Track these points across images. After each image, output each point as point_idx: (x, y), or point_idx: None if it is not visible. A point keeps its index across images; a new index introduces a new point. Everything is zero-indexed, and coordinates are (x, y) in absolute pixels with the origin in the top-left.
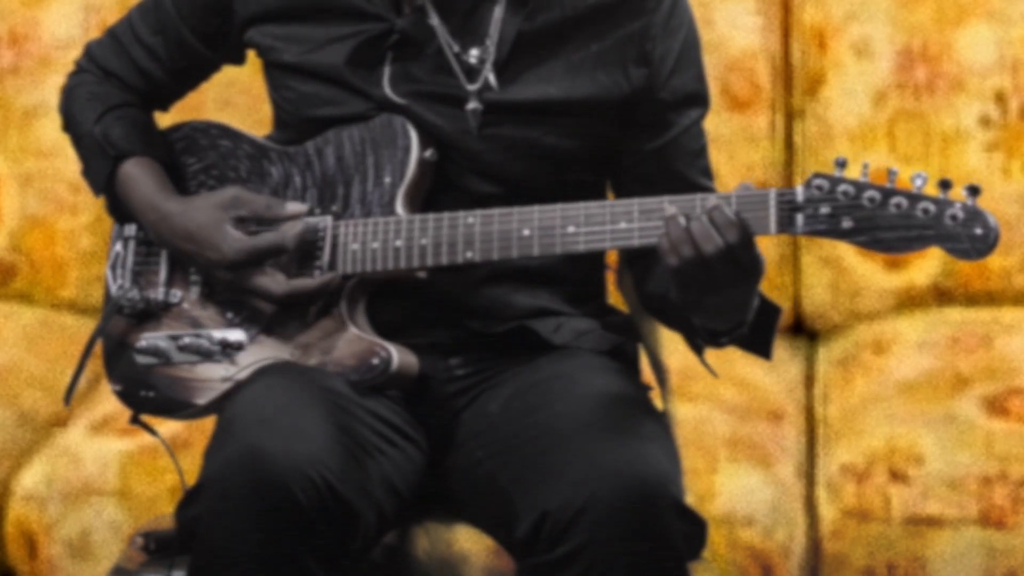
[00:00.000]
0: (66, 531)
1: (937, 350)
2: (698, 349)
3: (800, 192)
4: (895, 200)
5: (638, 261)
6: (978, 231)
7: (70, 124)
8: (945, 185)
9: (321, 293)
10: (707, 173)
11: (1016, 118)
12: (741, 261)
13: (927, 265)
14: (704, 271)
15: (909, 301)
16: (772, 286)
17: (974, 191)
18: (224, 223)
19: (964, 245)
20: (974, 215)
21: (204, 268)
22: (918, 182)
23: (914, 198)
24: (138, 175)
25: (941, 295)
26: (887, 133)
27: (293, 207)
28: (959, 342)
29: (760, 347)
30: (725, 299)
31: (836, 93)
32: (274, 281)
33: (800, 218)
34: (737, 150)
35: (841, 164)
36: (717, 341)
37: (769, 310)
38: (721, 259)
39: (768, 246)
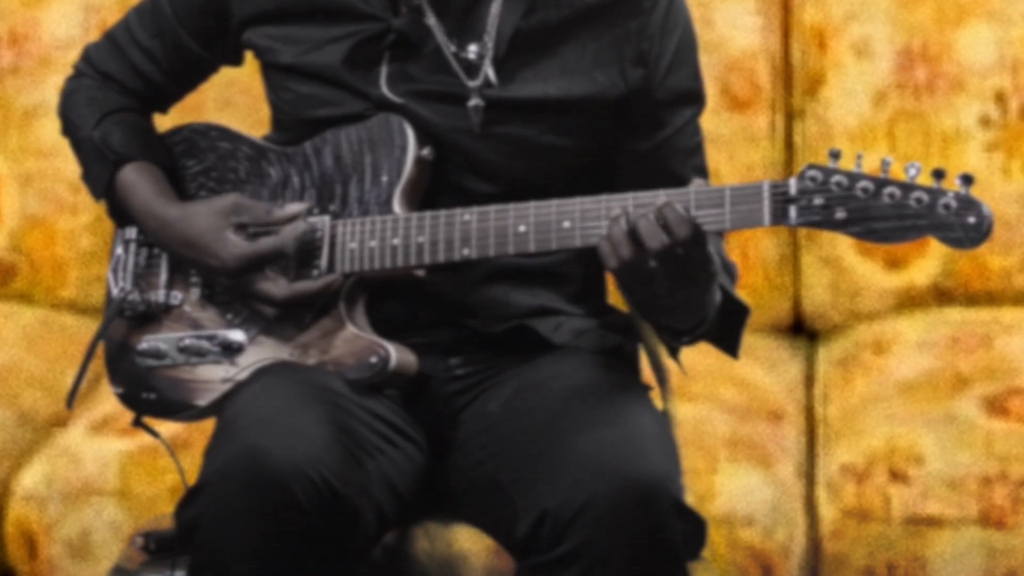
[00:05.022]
0: (66, 531)
1: (937, 350)
2: (671, 348)
3: (794, 184)
4: (888, 190)
5: None
6: (971, 220)
7: (69, 129)
8: (938, 175)
9: (322, 295)
10: (701, 171)
11: (1016, 118)
12: (689, 258)
13: (927, 265)
14: (647, 270)
15: (909, 301)
16: (772, 286)
17: (967, 180)
18: (224, 230)
19: (958, 234)
20: (967, 204)
21: (205, 274)
22: (912, 172)
23: (907, 188)
24: (137, 180)
25: (941, 295)
26: (887, 133)
27: (292, 208)
28: (959, 342)
29: (728, 345)
30: (677, 299)
31: (836, 93)
32: (275, 285)
33: (794, 210)
34: (737, 150)
35: (835, 155)
36: (679, 340)
37: (738, 309)
38: (666, 256)
39: (768, 246)
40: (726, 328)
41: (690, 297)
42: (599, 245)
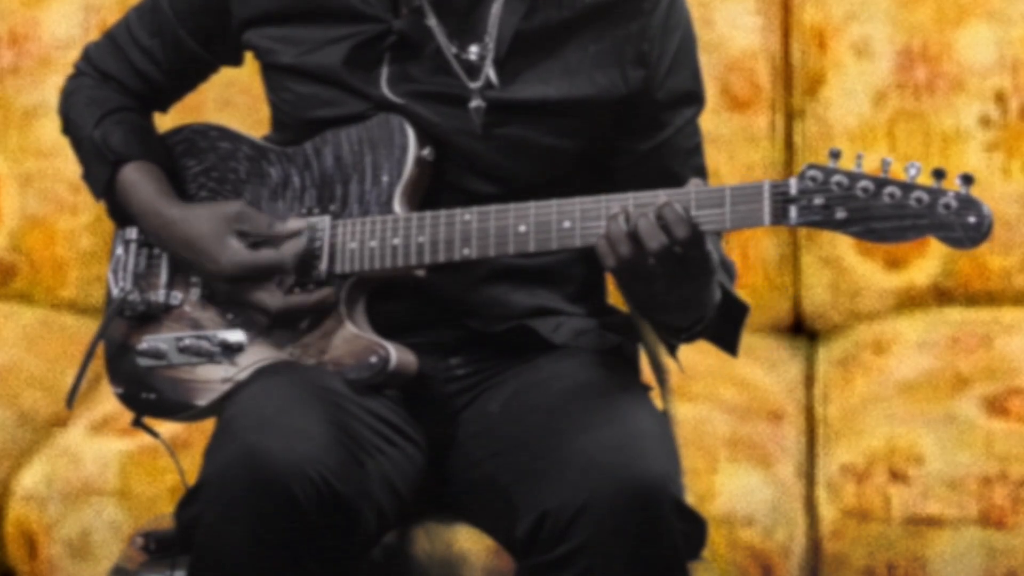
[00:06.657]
0: (66, 531)
1: (937, 350)
2: (669, 346)
3: (794, 184)
4: (889, 190)
5: None
6: (971, 219)
7: (69, 128)
8: (939, 175)
9: (316, 309)
10: (700, 171)
11: (1016, 118)
12: (687, 258)
13: (927, 265)
14: (646, 269)
15: (909, 301)
16: (772, 286)
17: (967, 180)
18: (226, 235)
19: (958, 234)
20: (967, 203)
21: (202, 276)
22: (912, 172)
23: (908, 188)
24: (138, 180)
25: (941, 295)
26: (887, 133)
27: (295, 224)
28: (959, 342)
29: (728, 344)
30: (675, 297)
31: (836, 93)
32: (270, 296)
33: (794, 210)
34: (737, 150)
35: (835, 155)
36: (677, 337)
37: (737, 308)
38: (665, 256)
39: (768, 246)
40: (726, 326)
41: (688, 295)
42: (597, 244)
